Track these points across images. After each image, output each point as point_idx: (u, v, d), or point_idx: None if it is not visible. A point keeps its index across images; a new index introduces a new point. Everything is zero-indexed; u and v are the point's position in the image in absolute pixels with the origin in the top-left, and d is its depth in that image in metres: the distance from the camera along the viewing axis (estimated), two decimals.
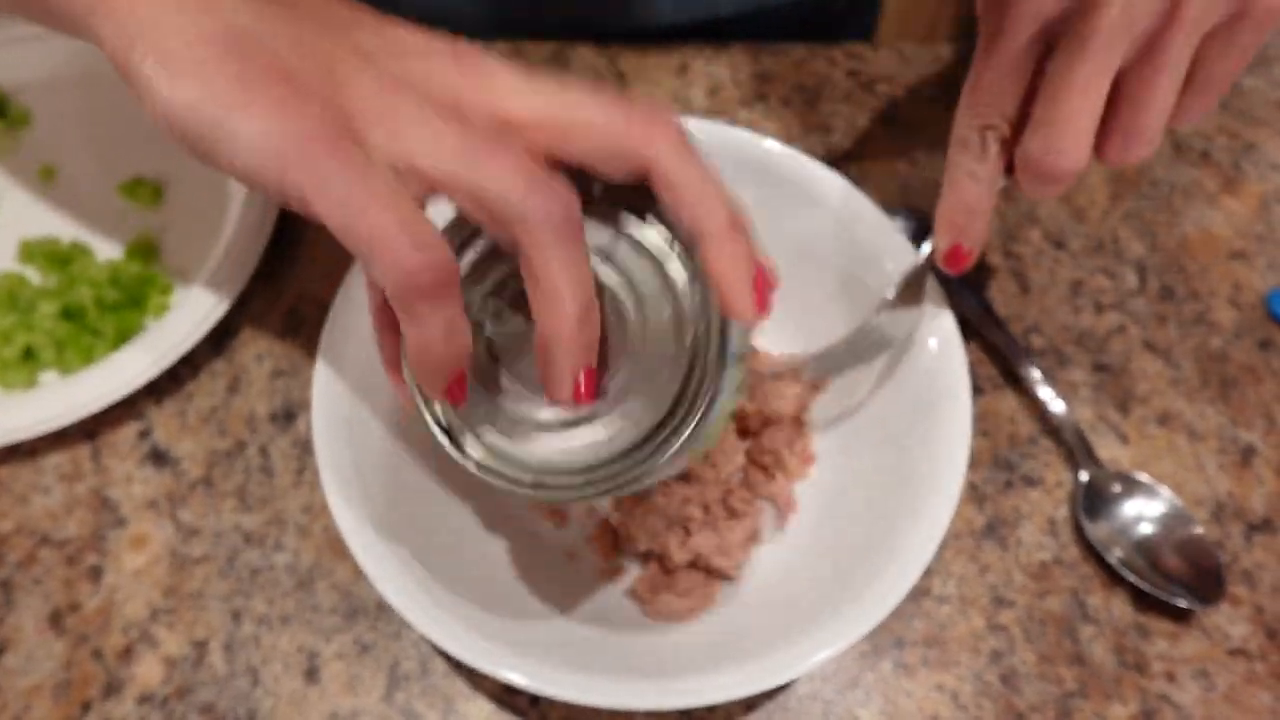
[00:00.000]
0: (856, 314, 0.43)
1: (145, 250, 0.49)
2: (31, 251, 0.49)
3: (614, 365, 0.30)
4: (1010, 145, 0.34)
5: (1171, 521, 0.41)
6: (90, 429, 0.45)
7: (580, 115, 0.28)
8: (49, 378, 0.46)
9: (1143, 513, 0.42)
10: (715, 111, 0.54)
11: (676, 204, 0.28)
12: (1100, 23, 0.29)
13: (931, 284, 0.40)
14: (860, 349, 0.41)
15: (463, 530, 0.41)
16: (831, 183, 0.43)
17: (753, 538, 0.42)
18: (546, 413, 0.31)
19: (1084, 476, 0.43)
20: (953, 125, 0.35)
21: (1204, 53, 0.30)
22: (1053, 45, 0.31)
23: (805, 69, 0.56)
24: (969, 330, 0.45)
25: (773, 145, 0.43)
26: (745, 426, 0.43)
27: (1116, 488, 0.42)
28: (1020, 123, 0.34)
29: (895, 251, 0.42)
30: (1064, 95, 0.30)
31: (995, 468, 0.44)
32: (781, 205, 0.44)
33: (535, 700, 0.39)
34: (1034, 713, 0.39)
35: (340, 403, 0.38)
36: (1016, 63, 0.32)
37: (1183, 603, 0.39)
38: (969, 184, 0.35)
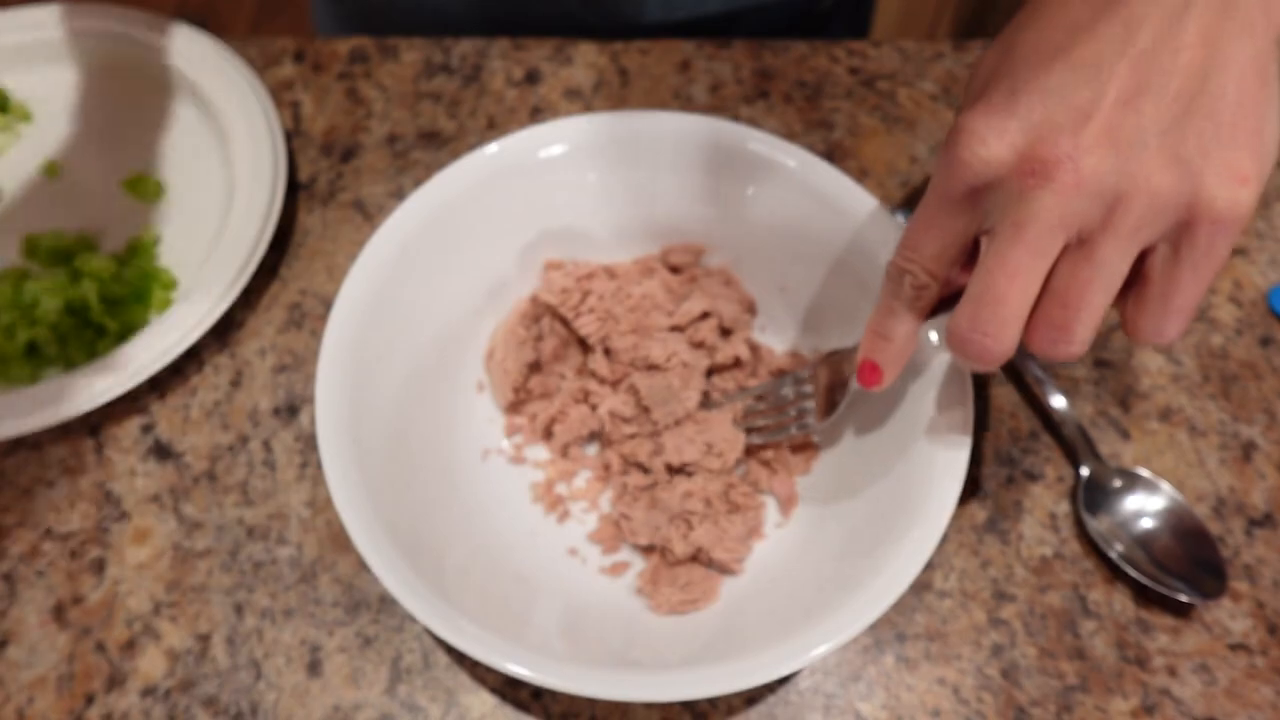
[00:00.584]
0: (856, 310, 0.44)
1: (148, 245, 0.50)
2: (35, 246, 0.49)
3: None
4: (930, 296, 0.34)
5: (1173, 516, 0.41)
6: (93, 423, 0.45)
7: None
8: (53, 372, 0.47)
9: (1144, 508, 0.42)
10: (717, 108, 0.54)
11: None
12: (1037, 210, 0.28)
13: None
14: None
15: (465, 525, 0.41)
16: (833, 179, 0.43)
17: (754, 532, 0.42)
18: None
19: (1085, 471, 0.43)
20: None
21: (1149, 263, 0.29)
22: (988, 220, 0.30)
23: (806, 65, 0.56)
24: None
25: (774, 142, 0.44)
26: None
27: (1117, 483, 0.42)
28: (946, 284, 0.33)
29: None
30: (996, 275, 0.29)
31: (997, 463, 0.44)
32: (782, 202, 0.44)
33: (537, 693, 0.39)
34: (1035, 707, 0.39)
35: (344, 397, 0.38)
36: (942, 221, 0.31)
37: (1184, 597, 0.39)
38: (885, 314, 0.35)
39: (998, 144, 0.28)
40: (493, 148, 0.43)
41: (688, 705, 0.39)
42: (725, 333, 0.45)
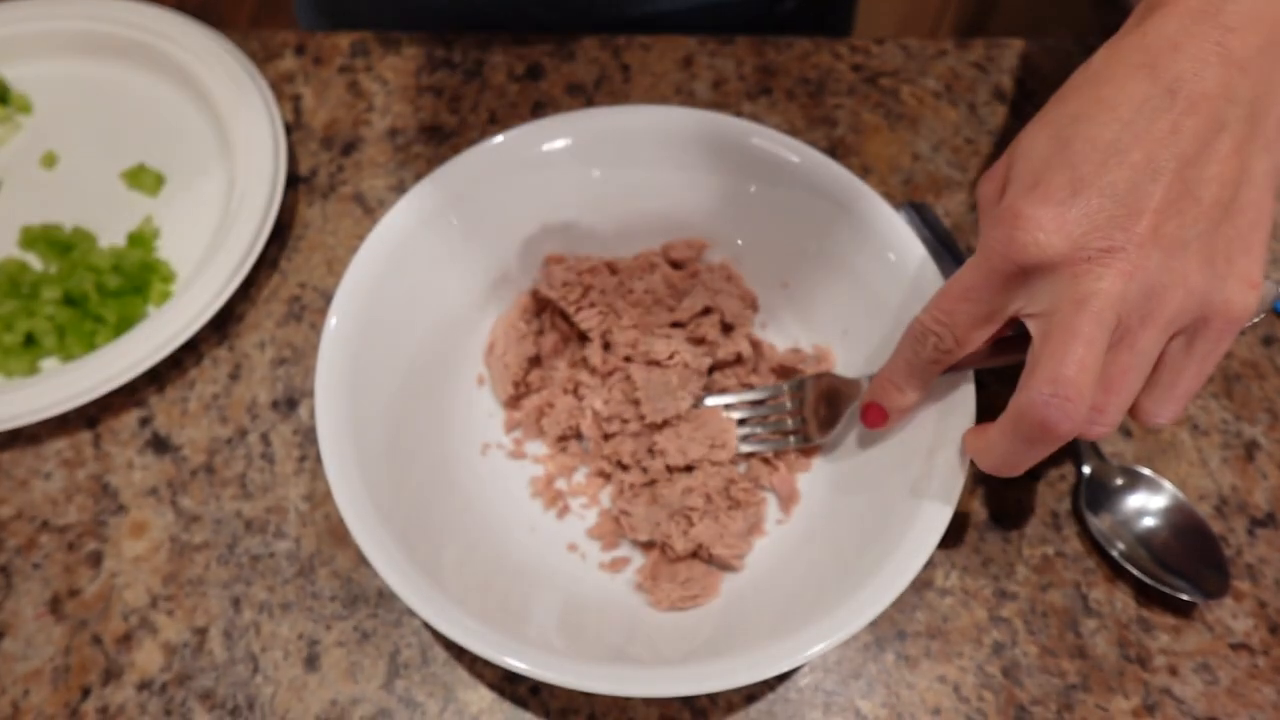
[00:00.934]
0: (857, 307, 0.43)
1: (147, 237, 0.49)
2: (33, 237, 0.49)
3: None
4: (949, 362, 0.35)
5: (1175, 515, 0.41)
6: (92, 415, 0.45)
7: None
8: (50, 364, 0.46)
9: (1146, 506, 0.42)
10: (719, 104, 0.54)
11: None
12: (1097, 290, 0.30)
13: (936, 274, 0.40)
14: None
15: (465, 520, 0.40)
16: (836, 176, 0.43)
17: (755, 528, 0.41)
18: None
19: (1087, 470, 0.42)
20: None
21: (1164, 351, 0.31)
22: (1032, 303, 0.32)
23: (809, 62, 0.56)
24: None
25: (776, 138, 0.43)
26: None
27: (1119, 481, 0.42)
28: (967, 353, 0.35)
29: (899, 244, 0.41)
30: (1073, 344, 0.30)
31: None
32: (785, 198, 0.44)
33: (536, 689, 0.39)
34: (1036, 705, 0.39)
35: (343, 391, 0.38)
36: (984, 295, 0.32)
37: (1186, 596, 0.39)
38: (902, 368, 0.37)
39: (1057, 232, 0.30)
40: (497, 139, 0.43)
41: (687, 702, 0.39)
42: (727, 329, 0.45)
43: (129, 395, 0.45)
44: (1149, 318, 0.30)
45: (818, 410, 0.42)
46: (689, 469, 0.42)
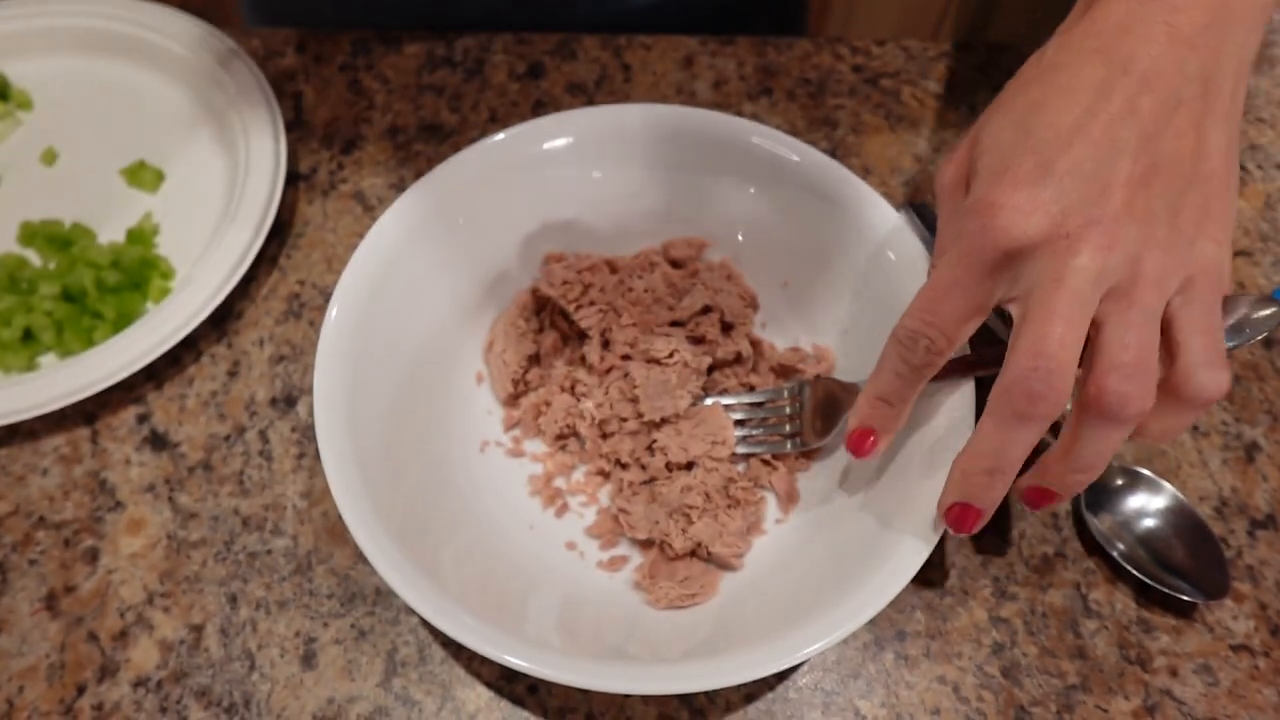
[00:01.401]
0: (857, 306, 0.43)
1: (147, 234, 0.49)
2: (32, 233, 0.49)
3: None
4: (941, 364, 0.34)
5: (1175, 516, 0.41)
6: (89, 411, 0.45)
7: None
8: (49, 360, 0.46)
9: (1146, 507, 0.41)
10: (720, 104, 0.54)
11: None
12: (1075, 267, 0.30)
13: None
14: None
15: (463, 518, 0.40)
16: (836, 175, 0.43)
17: (754, 527, 0.41)
18: None
19: None
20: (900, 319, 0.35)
21: (1170, 309, 0.31)
22: (1016, 287, 0.32)
23: (810, 63, 0.56)
24: None
25: (777, 137, 0.43)
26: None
27: (1119, 481, 0.42)
28: (961, 345, 0.34)
29: (899, 244, 0.41)
30: (1050, 322, 0.30)
31: None
32: (785, 197, 0.44)
33: (534, 687, 0.39)
34: (1036, 706, 0.38)
35: (342, 388, 0.38)
36: (968, 288, 0.32)
37: (1187, 597, 0.39)
38: (891, 377, 0.35)
39: (1034, 215, 0.30)
40: (498, 137, 0.43)
41: (685, 700, 0.39)
42: (727, 328, 0.45)
43: (127, 392, 0.45)
44: (1139, 278, 0.30)
45: (815, 415, 0.41)
46: (689, 467, 0.42)
